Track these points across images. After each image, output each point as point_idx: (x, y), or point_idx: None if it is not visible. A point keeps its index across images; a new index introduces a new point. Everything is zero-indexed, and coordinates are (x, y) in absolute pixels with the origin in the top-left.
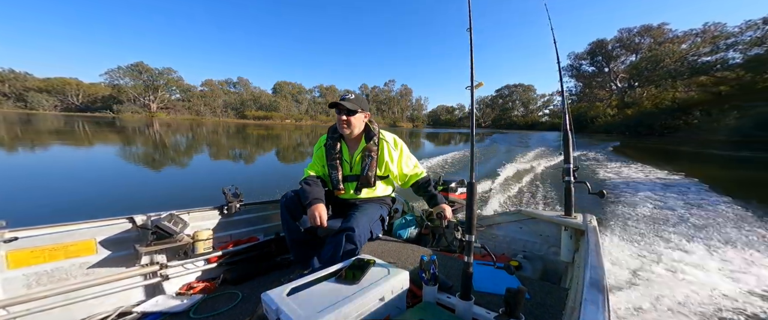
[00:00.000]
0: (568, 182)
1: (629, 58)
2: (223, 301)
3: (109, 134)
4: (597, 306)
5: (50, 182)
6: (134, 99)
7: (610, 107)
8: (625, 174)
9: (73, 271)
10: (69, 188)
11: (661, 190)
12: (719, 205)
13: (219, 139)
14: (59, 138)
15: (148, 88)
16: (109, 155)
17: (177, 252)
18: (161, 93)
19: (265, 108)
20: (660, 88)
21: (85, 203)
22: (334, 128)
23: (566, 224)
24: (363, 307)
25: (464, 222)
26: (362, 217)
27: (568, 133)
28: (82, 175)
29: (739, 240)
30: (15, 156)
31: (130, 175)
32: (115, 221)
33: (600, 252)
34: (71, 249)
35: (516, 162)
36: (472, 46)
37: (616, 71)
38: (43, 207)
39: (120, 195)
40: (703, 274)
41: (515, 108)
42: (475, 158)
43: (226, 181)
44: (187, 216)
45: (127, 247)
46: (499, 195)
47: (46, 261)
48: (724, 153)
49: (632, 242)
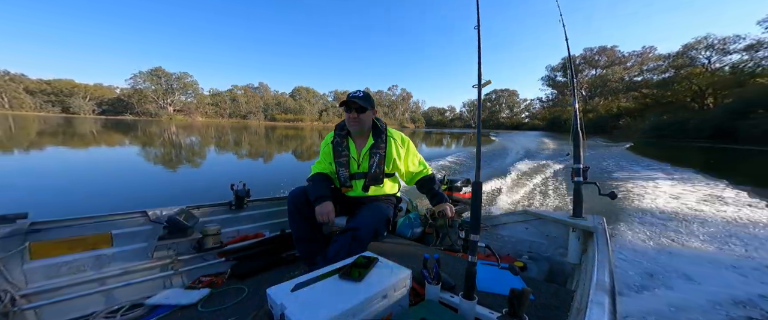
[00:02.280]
0: (578, 182)
1: (591, 72)
2: (230, 296)
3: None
4: (603, 309)
5: (140, 173)
6: (154, 102)
7: (579, 111)
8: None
9: (91, 263)
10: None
11: (665, 181)
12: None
13: (268, 139)
14: (134, 137)
15: (167, 91)
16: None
17: (187, 246)
18: (177, 96)
19: (291, 111)
20: (608, 99)
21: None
22: (342, 126)
23: (575, 226)
24: (366, 305)
25: (469, 221)
26: (368, 216)
27: (579, 133)
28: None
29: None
30: (106, 151)
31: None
32: (129, 215)
33: (609, 255)
34: (90, 241)
35: (525, 162)
36: (480, 44)
37: (581, 82)
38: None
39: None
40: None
41: (502, 111)
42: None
43: (273, 176)
44: (197, 212)
45: (141, 240)
46: (506, 195)
47: (67, 252)
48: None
49: (644, 243)
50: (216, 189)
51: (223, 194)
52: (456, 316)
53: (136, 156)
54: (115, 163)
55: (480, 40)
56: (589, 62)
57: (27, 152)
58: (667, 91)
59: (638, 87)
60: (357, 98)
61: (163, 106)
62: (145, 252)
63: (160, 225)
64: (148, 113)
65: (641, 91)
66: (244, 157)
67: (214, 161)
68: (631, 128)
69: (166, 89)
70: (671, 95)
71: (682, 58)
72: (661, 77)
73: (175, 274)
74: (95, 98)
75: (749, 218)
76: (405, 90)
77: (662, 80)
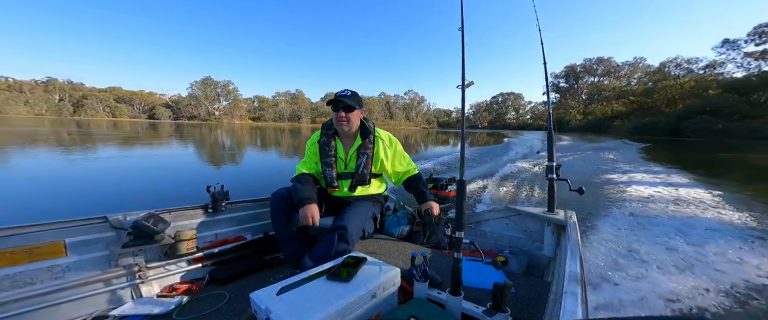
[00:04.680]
0: (551, 179)
1: (590, 79)
2: (209, 302)
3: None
4: (576, 298)
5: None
6: (205, 106)
7: (579, 114)
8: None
9: (40, 275)
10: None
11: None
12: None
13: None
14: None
15: (217, 97)
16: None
17: (157, 252)
18: (222, 103)
19: (327, 115)
20: (603, 104)
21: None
22: (328, 125)
23: (549, 220)
24: (355, 305)
25: (454, 219)
26: (355, 215)
27: (552, 133)
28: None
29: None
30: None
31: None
32: (86, 222)
33: (579, 247)
34: (36, 251)
35: (514, 162)
36: (464, 46)
37: (581, 87)
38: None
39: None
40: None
41: (508, 112)
42: (467, 157)
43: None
44: (168, 216)
45: (101, 248)
46: (491, 193)
47: (6, 264)
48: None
49: (609, 235)
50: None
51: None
52: (444, 313)
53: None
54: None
55: (464, 42)
56: (588, 71)
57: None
58: (648, 98)
59: (627, 95)
60: (345, 97)
61: (211, 111)
62: (107, 260)
63: (123, 231)
64: (197, 116)
65: (629, 98)
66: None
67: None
68: (620, 128)
69: (215, 96)
70: (651, 102)
71: (659, 74)
72: (644, 88)
73: (143, 283)
74: (149, 104)
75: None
76: (417, 94)
77: (645, 90)
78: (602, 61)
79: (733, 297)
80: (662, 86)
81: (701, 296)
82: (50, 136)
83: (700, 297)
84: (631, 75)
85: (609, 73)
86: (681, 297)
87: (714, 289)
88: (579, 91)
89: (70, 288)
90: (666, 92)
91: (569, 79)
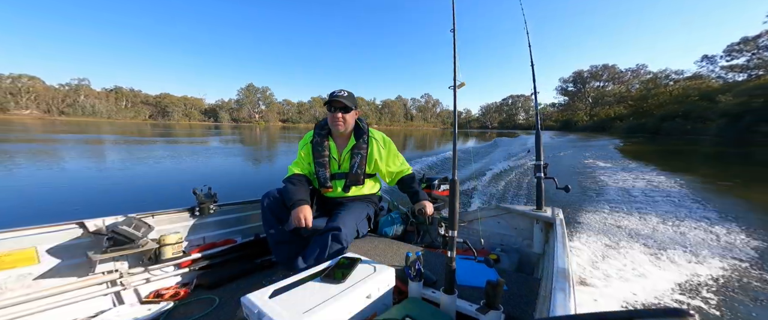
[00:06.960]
0: (539, 178)
1: (596, 83)
2: (197, 307)
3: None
4: (565, 294)
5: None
6: (248, 110)
7: (585, 115)
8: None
9: (11, 284)
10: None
11: (623, 181)
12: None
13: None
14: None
15: (256, 101)
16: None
17: (140, 258)
18: (261, 108)
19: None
20: (606, 107)
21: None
22: (322, 125)
23: (537, 218)
24: (350, 306)
25: (447, 218)
26: (348, 216)
27: (539, 133)
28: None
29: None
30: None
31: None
32: (61, 227)
33: (566, 244)
34: (6, 259)
35: (506, 160)
36: (455, 46)
37: (587, 91)
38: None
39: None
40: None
41: (518, 113)
42: (464, 156)
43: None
44: (151, 219)
45: (78, 255)
46: (483, 192)
47: None
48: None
49: (596, 232)
50: None
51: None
52: (438, 311)
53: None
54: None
55: (455, 43)
56: (594, 76)
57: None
58: (643, 103)
59: (626, 100)
60: (341, 97)
61: (252, 114)
62: (84, 267)
63: (102, 237)
64: (241, 119)
65: (628, 102)
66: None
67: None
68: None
69: (256, 101)
70: (646, 106)
71: (651, 82)
72: (640, 93)
73: (125, 289)
74: (197, 108)
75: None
76: (431, 97)
77: (641, 95)
78: (607, 68)
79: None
80: (655, 92)
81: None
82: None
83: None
84: (632, 81)
85: (613, 79)
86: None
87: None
88: (586, 94)
89: (44, 296)
90: (657, 98)
91: (577, 83)
